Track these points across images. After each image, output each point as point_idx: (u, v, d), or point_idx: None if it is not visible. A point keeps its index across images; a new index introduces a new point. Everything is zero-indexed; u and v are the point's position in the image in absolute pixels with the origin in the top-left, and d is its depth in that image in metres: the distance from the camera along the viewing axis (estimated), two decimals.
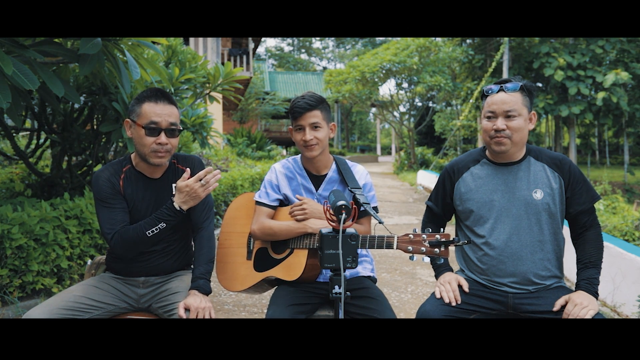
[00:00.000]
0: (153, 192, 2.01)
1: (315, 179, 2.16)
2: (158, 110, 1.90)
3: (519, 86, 1.92)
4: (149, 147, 1.89)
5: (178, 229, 2.06)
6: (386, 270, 4.91)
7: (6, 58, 2.00)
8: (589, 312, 1.76)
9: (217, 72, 3.94)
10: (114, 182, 1.96)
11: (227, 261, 2.22)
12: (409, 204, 10.69)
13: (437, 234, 1.77)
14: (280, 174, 2.18)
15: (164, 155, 1.92)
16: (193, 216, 2.04)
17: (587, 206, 1.96)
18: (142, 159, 1.96)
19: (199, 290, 1.91)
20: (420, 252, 1.77)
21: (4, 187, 4.19)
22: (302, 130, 2.05)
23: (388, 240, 1.82)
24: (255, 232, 2.11)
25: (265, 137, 17.48)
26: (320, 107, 2.05)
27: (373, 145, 41.32)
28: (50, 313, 1.81)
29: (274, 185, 2.17)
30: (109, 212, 1.93)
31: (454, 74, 22.06)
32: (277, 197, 2.16)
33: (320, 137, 2.05)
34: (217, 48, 14.10)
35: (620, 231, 5.59)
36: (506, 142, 1.92)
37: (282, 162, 2.23)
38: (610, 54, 19.04)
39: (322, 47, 54.91)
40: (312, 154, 2.07)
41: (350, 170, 2.16)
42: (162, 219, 1.90)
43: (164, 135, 1.90)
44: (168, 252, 2.07)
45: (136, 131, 1.92)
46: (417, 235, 1.79)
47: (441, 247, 1.75)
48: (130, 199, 1.98)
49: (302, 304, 2.00)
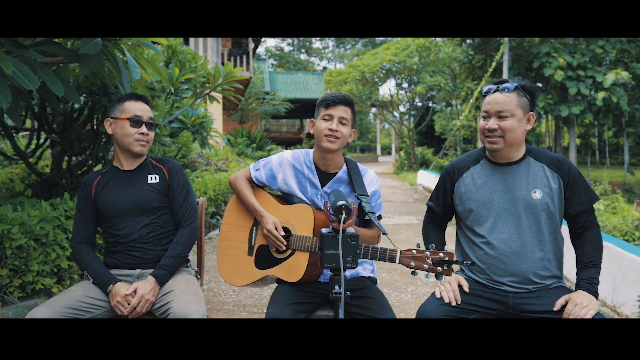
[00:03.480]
0: (126, 180, 2.17)
1: (323, 176, 2.15)
2: (139, 106, 2.16)
3: (513, 87, 1.92)
4: (132, 136, 2.12)
5: (166, 219, 2.18)
6: (386, 270, 4.91)
7: (6, 58, 2.00)
8: (589, 312, 1.76)
9: (217, 72, 3.94)
10: (89, 187, 2.16)
11: (228, 254, 2.22)
12: (409, 204, 10.69)
13: (441, 252, 1.77)
14: (287, 163, 2.18)
15: (145, 144, 2.16)
16: (177, 215, 2.19)
17: (586, 207, 1.97)
18: (124, 150, 2.16)
19: (156, 279, 2.02)
20: (422, 269, 1.77)
21: (4, 187, 4.18)
22: (329, 120, 2.05)
23: (391, 253, 1.83)
24: (230, 180, 2.28)
25: (265, 137, 17.48)
26: (352, 108, 2.09)
27: (373, 145, 41.31)
28: (53, 312, 1.83)
29: (270, 175, 2.20)
30: (79, 220, 2.16)
31: (454, 74, 22.04)
32: (263, 183, 2.23)
33: (344, 133, 2.06)
34: (217, 48, 14.11)
35: (620, 231, 5.59)
36: (498, 142, 1.93)
37: (294, 152, 2.22)
38: (610, 54, 19.03)
39: (322, 47, 54.92)
40: (331, 147, 2.05)
41: (360, 175, 2.15)
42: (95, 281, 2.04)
43: (145, 127, 2.14)
44: (161, 241, 2.15)
45: (119, 125, 2.13)
46: (421, 252, 1.78)
47: (444, 266, 1.75)
48: (103, 194, 2.14)
49: (302, 303, 2.00)
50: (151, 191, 2.15)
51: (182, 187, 2.22)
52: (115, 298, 1.96)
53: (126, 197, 2.13)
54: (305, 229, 2.02)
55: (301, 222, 2.04)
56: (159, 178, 2.19)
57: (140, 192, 2.14)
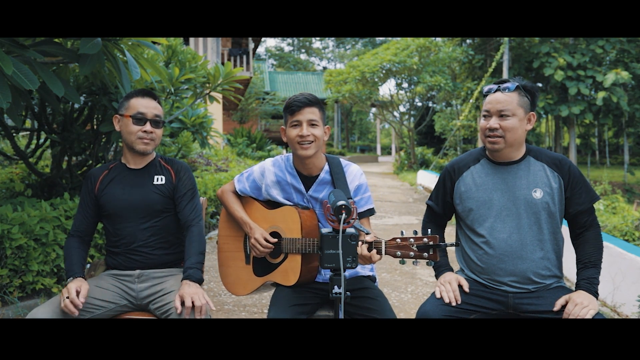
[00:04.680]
0: (132, 179, 2.13)
1: (305, 180, 2.11)
2: (144, 103, 2.10)
3: (515, 86, 1.93)
4: (135, 134, 2.07)
5: (168, 222, 2.15)
6: (386, 270, 4.91)
7: (6, 58, 2.00)
8: (589, 312, 1.76)
9: (217, 72, 3.94)
10: (94, 181, 2.15)
11: (229, 265, 2.24)
12: (409, 204, 10.69)
13: (425, 236, 1.73)
14: (269, 172, 2.15)
15: (149, 142, 2.10)
16: (182, 216, 2.14)
17: (587, 206, 1.97)
18: (128, 148, 2.13)
19: (190, 279, 1.97)
20: (408, 256, 1.73)
21: (4, 187, 4.19)
22: (298, 126, 1.99)
23: (376, 245, 1.79)
24: (217, 195, 2.29)
25: (265, 137, 17.49)
26: (318, 106, 2.03)
27: (373, 145, 41.30)
28: (54, 313, 1.83)
29: (254, 187, 2.19)
30: (79, 212, 2.15)
31: (454, 74, 22.04)
32: (249, 195, 2.20)
33: (317, 135, 2.00)
34: (217, 48, 14.10)
35: (620, 231, 5.59)
36: (499, 141, 1.94)
37: (274, 160, 2.19)
38: (610, 54, 19.02)
39: (322, 47, 54.90)
40: (306, 153, 2.00)
41: (343, 174, 2.09)
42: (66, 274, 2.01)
43: (149, 125, 2.09)
44: (163, 245, 2.13)
45: (124, 122, 2.10)
46: (405, 239, 1.75)
47: (429, 250, 1.72)
48: (108, 191, 2.11)
49: (302, 304, 2.00)
50: (156, 193, 2.11)
51: (189, 189, 2.17)
52: (65, 293, 1.85)
53: (130, 196, 2.09)
54: (294, 231, 2.00)
55: (289, 225, 2.02)
56: (164, 179, 2.15)
57: (145, 192, 2.11)
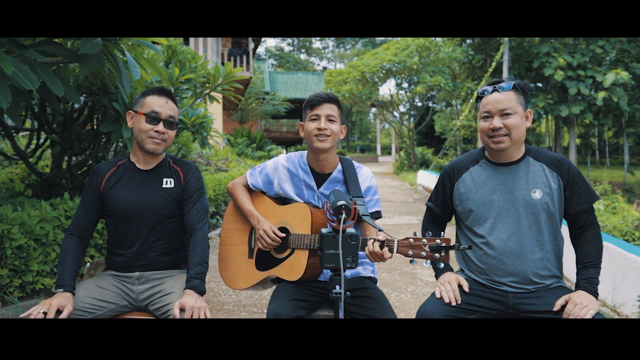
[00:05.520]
0: (140, 181, 2.08)
1: (318, 177, 2.16)
2: (160, 102, 2.05)
3: (511, 85, 1.94)
4: (146, 132, 2.02)
5: (174, 227, 2.10)
6: (386, 270, 4.91)
7: (6, 58, 2.00)
8: (589, 312, 1.76)
9: (217, 72, 3.94)
10: (100, 178, 2.07)
11: (229, 259, 2.23)
12: (409, 204, 10.69)
13: (438, 238, 1.75)
14: (282, 168, 2.19)
15: (160, 142, 2.04)
16: (187, 219, 2.08)
17: (586, 206, 1.97)
18: (139, 146, 2.07)
19: (194, 290, 1.91)
20: (420, 256, 1.75)
21: (4, 187, 4.18)
22: (317, 120, 2.06)
23: (388, 244, 1.80)
24: (227, 188, 2.30)
25: (265, 137, 17.50)
26: (337, 104, 2.10)
27: (373, 145, 41.31)
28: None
29: (267, 181, 2.21)
30: (81, 208, 2.08)
31: (454, 74, 22.04)
32: (260, 189, 2.23)
33: (334, 130, 2.06)
34: (217, 48, 14.10)
35: (620, 231, 5.59)
36: (505, 140, 1.93)
37: (288, 156, 2.23)
38: (610, 54, 19.03)
39: (322, 47, 54.93)
40: (322, 145, 2.05)
41: (355, 175, 2.14)
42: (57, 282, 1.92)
43: (162, 125, 2.04)
44: (166, 250, 2.10)
45: (137, 119, 2.04)
46: (418, 240, 1.76)
47: (442, 252, 1.74)
48: (114, 191, 2.05)
49: (303, 300, 2.00)
50: (164, 197, 2.06)
51: (195, 190, 2.12)
52: (44, 307, 1.77)
53: (138, 199, 2.04)
54: (303, 227, 2.02)
55: (299, 221, 2.04)
56: (174, 182, 2.10)
57: (153, 196, 2.05)
